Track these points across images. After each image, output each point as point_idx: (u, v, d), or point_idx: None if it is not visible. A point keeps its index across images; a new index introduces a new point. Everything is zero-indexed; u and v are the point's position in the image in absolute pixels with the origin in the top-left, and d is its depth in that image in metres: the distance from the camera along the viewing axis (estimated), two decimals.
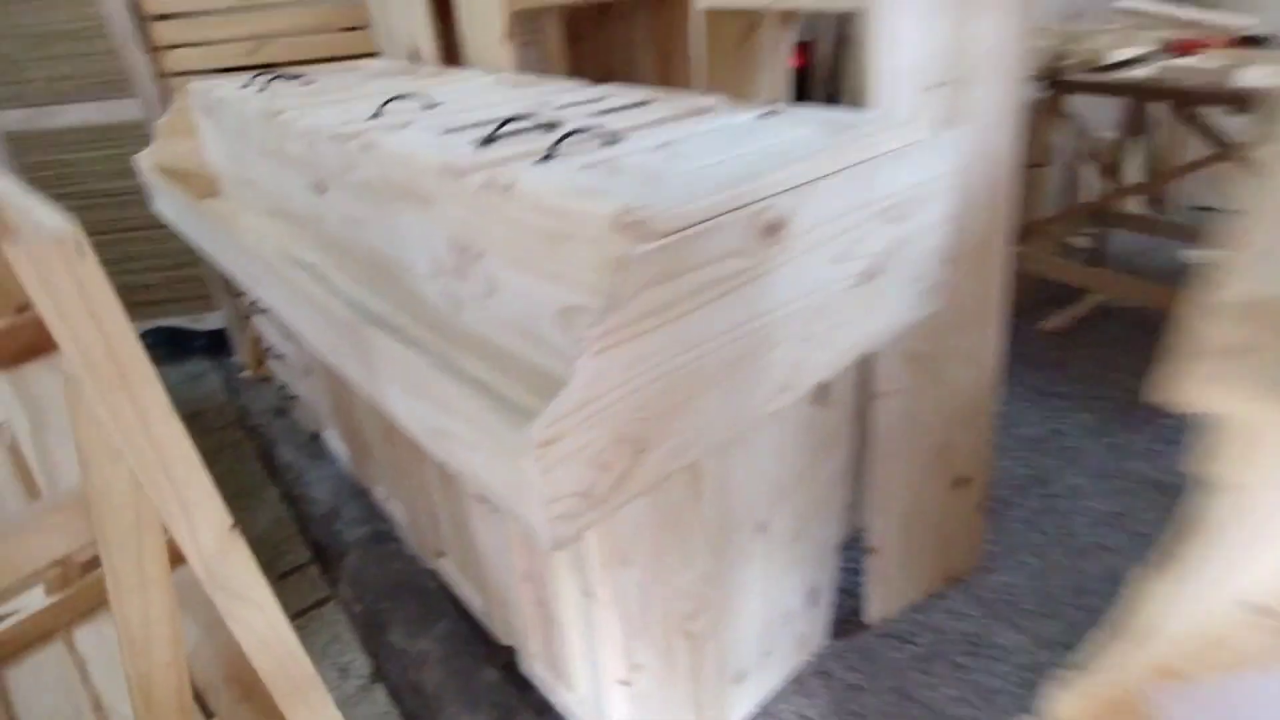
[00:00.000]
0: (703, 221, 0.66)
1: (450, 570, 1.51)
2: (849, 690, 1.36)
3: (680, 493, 0.92)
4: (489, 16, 1.51)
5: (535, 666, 1.26)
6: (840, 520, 1.28)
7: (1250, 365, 0.38)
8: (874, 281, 0.90)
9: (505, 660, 1.39)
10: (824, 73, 2.62)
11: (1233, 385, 0.37)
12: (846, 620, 1.48)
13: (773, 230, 0.73)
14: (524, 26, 1.84)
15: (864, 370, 1.21)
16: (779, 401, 0.84)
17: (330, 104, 1.24)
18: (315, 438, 2.17)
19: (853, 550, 1.51)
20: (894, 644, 1.43)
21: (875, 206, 0.86)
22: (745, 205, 0.70)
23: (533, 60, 1.92)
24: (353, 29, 2.13)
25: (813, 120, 0.94)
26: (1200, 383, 0.39)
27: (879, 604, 1.46)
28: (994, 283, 1.26)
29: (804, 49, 2.62)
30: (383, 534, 1.82)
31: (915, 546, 1.43)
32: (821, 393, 1.07)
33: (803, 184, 0.76)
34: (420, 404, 0.83)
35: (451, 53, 1.68)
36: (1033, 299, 2.53)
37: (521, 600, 1.16)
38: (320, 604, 1.64)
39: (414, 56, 1.76)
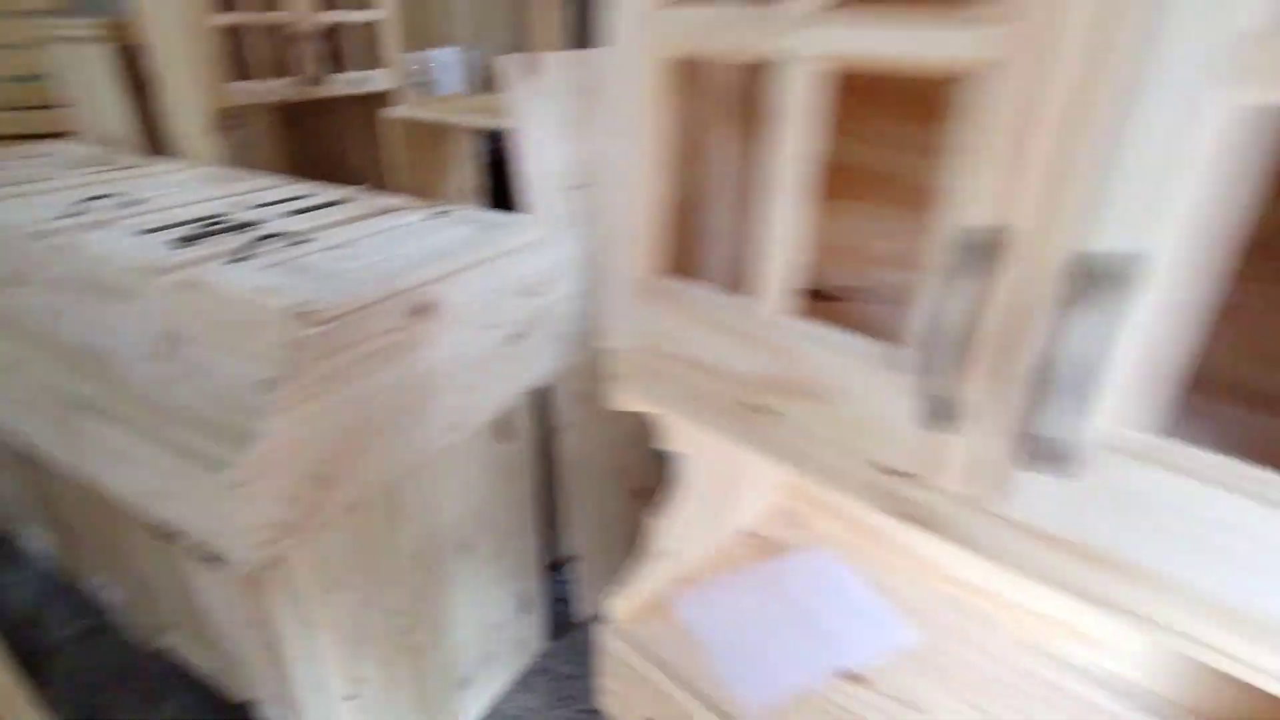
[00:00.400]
0: (360, 309, 0.90)
1: (177, 643, 1.53)
2: (565, 680, 1.61)
3: (381, 521, 1.12)
4: (193, 110, 1.63)
5: (270, 712, 1.35)
6: (538, 536, 1.55)
7: (631, 386, 0.69)
8: (522, 341, 1.19)
9: (243, 717, 1.46)
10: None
11: (631, 397, 0.69)
12: (564, 623, 1.74)
13: (423, 311, 0.99)
14: (231, 117, 1.95)
15: (543, 408, 1.50)
16: (450, 439, 1.09)
17: (28, 195, 1.29)
18: (4, 542, 2.01)
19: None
20: (596, 634, 1.71)
21: (515, 286, 1.15)
22: (398, 294, 0.95)
23: (241, 146, 2.03)
24: (47, 107, 2.08)
25: (473, 220, 1.22)
26: (619, 395, 0.70)
27: (587, 604, 1.75)
28: None
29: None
30: (97, 626, 1.76)
31: (609, 551, 1.74)
32: (503, 430, 1.33)
33: (450, 274, 1.03)
34: (134, 472, 0.95)
35: (154, 137, 1.75)
36: None
37: (250, 649, 1.26)
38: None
39: (113, 142, 1.80)
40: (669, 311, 0.59)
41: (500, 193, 2.25)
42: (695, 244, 0.69)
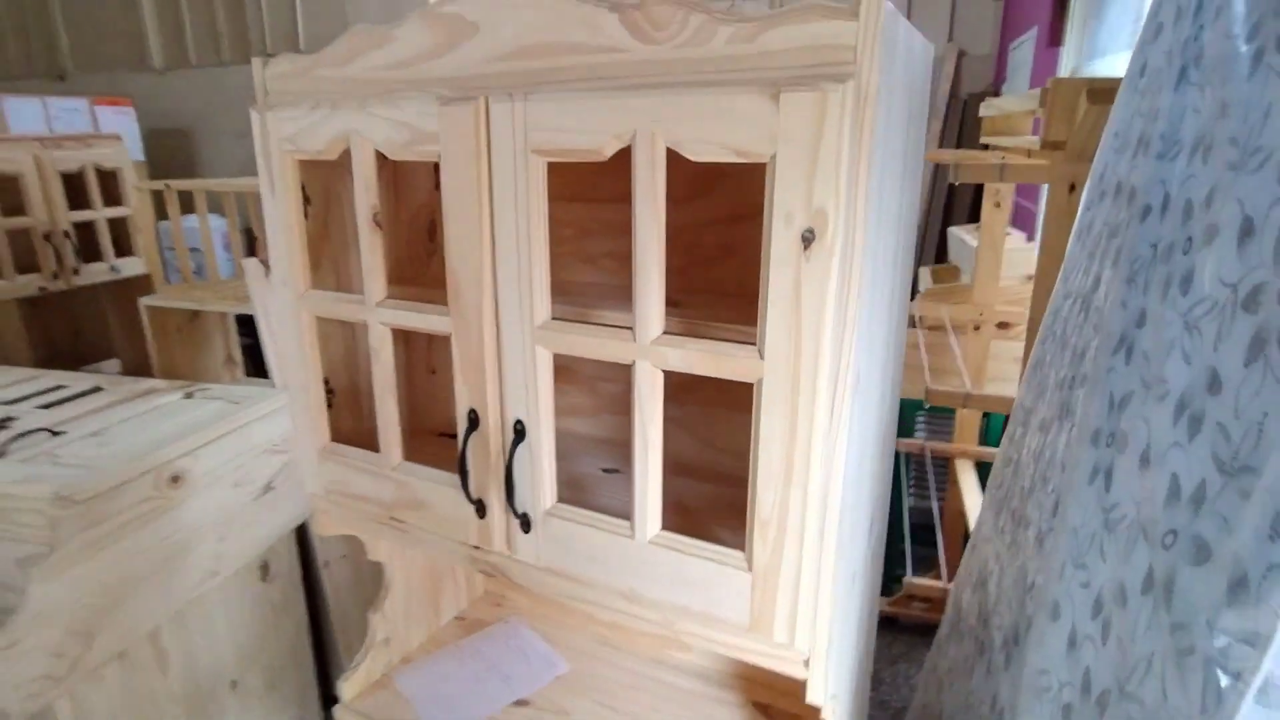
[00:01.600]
0: (113, 488, 1.12)
1: None
2: None
3: (148, 667, 1.28)
4: None
5: None
6: (314, 667, 1.72)
7: (327, 517, 1.00)
8: (271, 492, 1.43)
9: None
10: None
11: (329, 524, 0.99)
12: None
13: (176, 479, 1.22)
14: None
15: (306, 548, 1.71)
16: (210, 584, 1.29)
17: None
18: None
19: None
20: None
21: (262, 446, 1.41)
22: (149, 470, 1.18)
23: None
24: None
25: (220, 397, 1.47)
26: (322, 524, 0.99)
27: None
28: None
29: None
30: None
31: None
32: (263, 572, 1.53)
33: (199, 447, 1.27)
34: None
35: None
36: None
37: None
38: None
39: None
40: (338, 465, 0.91)
41: (259, 359, 2.46)
42: (368, 412, 1.02)
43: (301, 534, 1.66)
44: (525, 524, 0.77)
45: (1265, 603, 0.43)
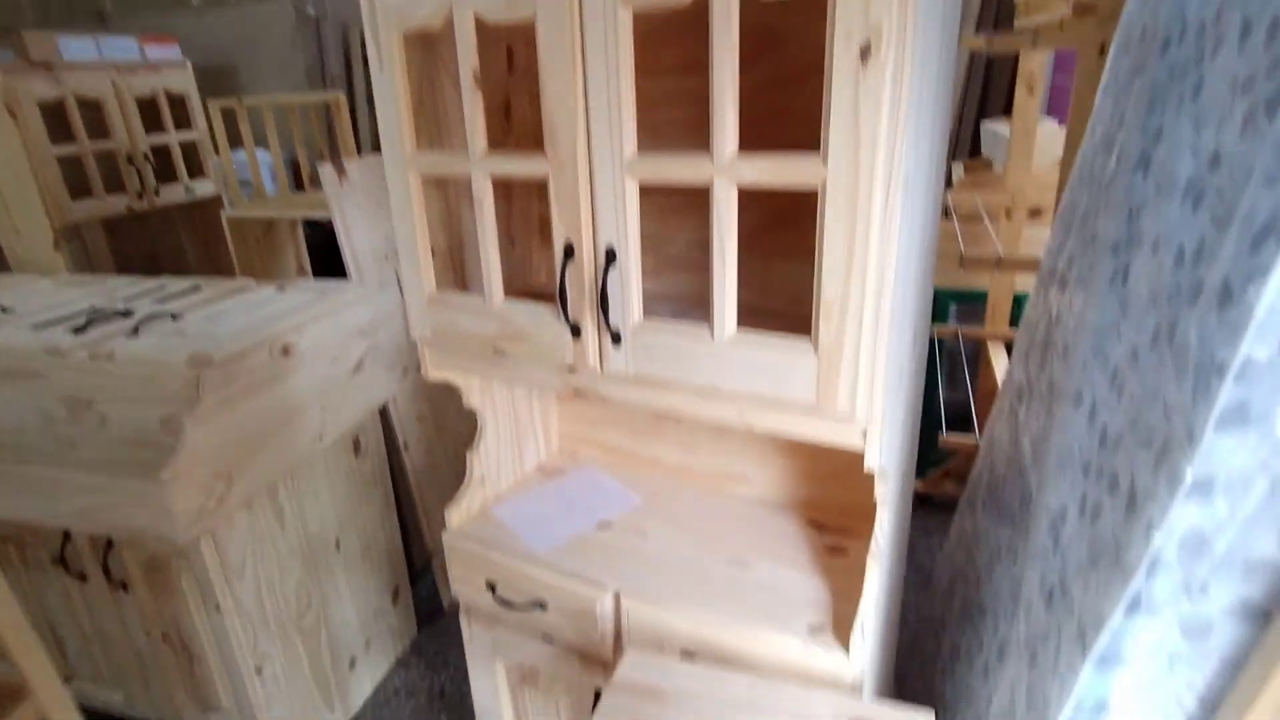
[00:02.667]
0: (240, 352, 1.28)
1: (79, 692, 1.73)
2: (436, 656, 1.96)
3: (269, 522, 1.47)
4: (38, 230, 1.89)
5: (185, 716, 1.61)
6: (401, 538, 1.91)
7: (434, 360, 1.14)
8: (362, 372, 1.59)
9: None
10: None
11: (435, 368, 1.13)
12: (432, 612, 2.09)
13: (286, 350, 1.38)
14: (74, 231, 2.19)
15: (390, 431, 1.88)
16: (319, 447, 1.46)
17: None
18: None
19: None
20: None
21: (352, 330, 1.56)
22: (265, 341, 1.33)
23: (83, 255, 2.26)
24: None
25: (309, 289, 1.62)
26: (430, 368, 1.14)
27: (447, 595, 2.11)
28: None
29: None
30: None
31: None
32: (356, 447, 1.71)
33: (302, 324, 1.42)
34: (69, 500, 1.25)
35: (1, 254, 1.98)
36: None
37: (164, 662, 1.53)
38: None
39: None
40: (445, 310, 1.05)
41: (322, 270, 2.61)
42: (461, 269, 1.16)
43: (385, 422, 1.83)
44: (616, 338, 0.91)
45: (1243, 302, 0.54)
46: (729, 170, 0.77)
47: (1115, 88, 1.06)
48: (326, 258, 2.77)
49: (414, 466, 1.95)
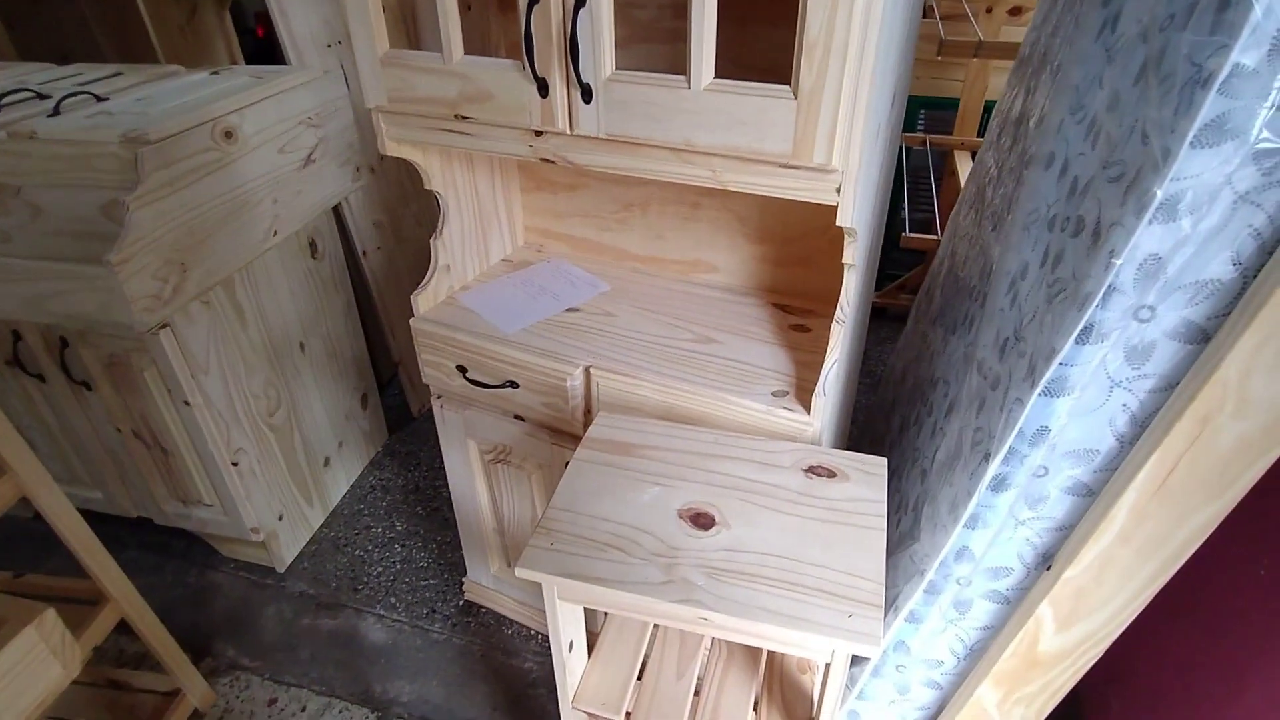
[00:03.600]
0: (179, 132, 1.19)
1: None
2: (408, 456, 2.03)
3: (230, 319, 1.44)
4: None
5: (166, 510, 1.66)
6: (366, 344, 1.91)
7: (392, 133, 1.07)
8: (313, 165, 1.51)
9: (141, 529, 1.74)
10: None
11: (394, 143, 1.07)
12: (402, 417, 2.14)
13: (229, 134, 1.29)
14: None
15: (347, 237, 1.82)
16: (271, 243, 1.41)
17: None
18: None
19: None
20: (430, 423, 2.14)
21: (299, 118, 1.46)
22: (206, 121, 1.24)
23: None
24: None
25: (247, 74, 1.49)
26: (388, 144, 1.08)
27: (414, 402, 2.15)
28: None
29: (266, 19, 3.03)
30: None
31: None
32: (313, 248, 1.66)
33: (244, 106, 1.32)
34: (18, 287, 1.20)
35: None
36: None
37: (138, 458, 1.55)
38: None
39: None
40: (401, 70, 0.98)
41: (255, 60, 2.41)
42: (415, 33, 1.07)
43: (342, 227, 1.77)
44: (587, 94, 0.86)
45: (1239, 4, 0.53)
46: None
47: None
48: (258, 54, 2.55)
49: (374, 274, 1.92)
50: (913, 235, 1.93)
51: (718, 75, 0.81)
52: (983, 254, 1.08)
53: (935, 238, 1.92)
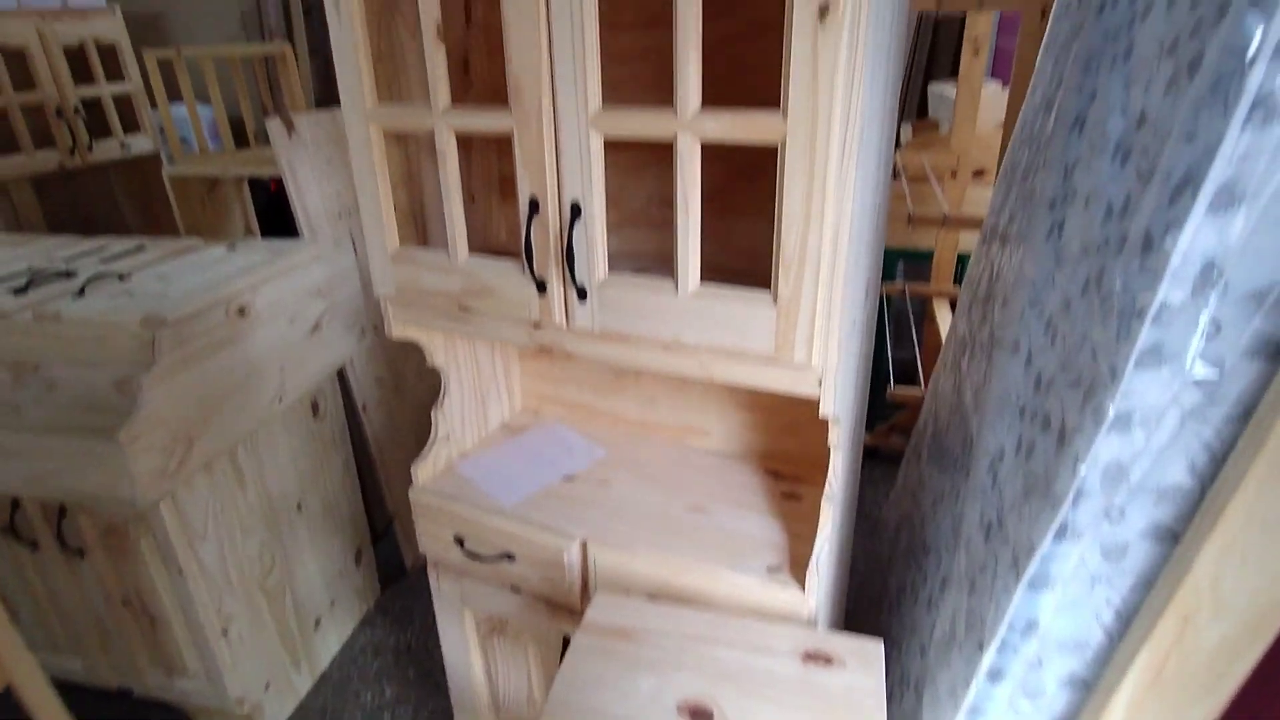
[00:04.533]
0: (195, 313, 1.26)
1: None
2: (402, 616, 1.99)
3: (230, 484, 1.46)
4: None
5: (148, 681, 1.61)
6: (361, 500, 1.91)
7: (398, 318, 1.14)
8: (320, 331, 1.58)
9: (119, 703, 1.68)
10: None
11: (400, 326, 1.14)
12: (395, 572, 2.11)
13: (242, 311, 1.36)
14: None
15: (348, 393, 1.87)
16: (277, 409, 1.46)
17: None
18: None
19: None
20: (423, 577, 2.11)
21: (309, 289, 1.54)
22: (220, 301, 1.31)
23: (5, 217, 2.16)
24: None
25: (263, 249, 1.59)
26: (394, 327, 1.14)
27: (409, 555, 2.13)
28: None
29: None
30: None
31: None
32: (315, 409, 1.70)
33: (258, 283, 1.40)
34: (22, 465, 1.23)
35: None
36: None
37: (124, 626, 1.52)
38: None
39: None
40: (409, 266, 1.06)
41: (270, 231, 2.55)
42: (422, 227, 1.16)
43: (344, 384, 1.82)
44: (581, 294, 0.93)
45: (1161, 250, 0.59)
46: (692, 125, 0.79)
47: (1055, 49, 1.11)
48: (273, 219, 2.70)
49: (373, 429, 1.95)
50: (897, 390, 1.99)
51: (705, 261, 0.88)
52: (963, 423, 1.13)
53: (919, 391, 1.98)
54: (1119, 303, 0.64)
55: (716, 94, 0.83)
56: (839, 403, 0.90)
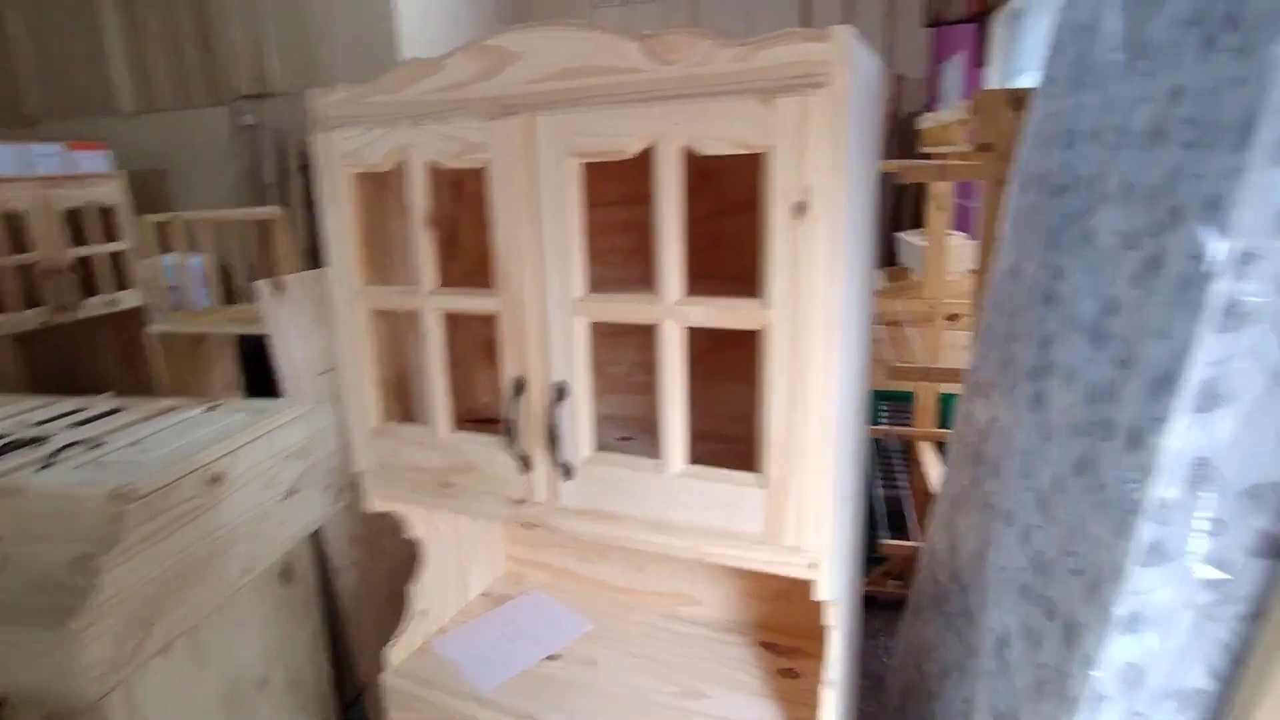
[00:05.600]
0: (166, 485, 1.22)
1: None
2: None
3: (188, 668, 1.36)
4: None
5: None
6: (331, 669, 1.79)
7: (376, 492, 1.11)
8: (295, 496, 1.53)
9: None
10: None
11: (377, 500, 1.10)
12: None
13: (216, 479, 1.32)
14: None
15: (322, 554, 1.80)
16: (243, 580, 1.38)
17: None
18: None
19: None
20: None
21: (286, 452, 1.51)
22: (195, 470, 1.28)
23: None
24: None
25: (241, 409, 1.57)
26: (370, 500, 1.11)
27: None
28: None
29: None
30: None
31: None
32: (286, 575, 1.62)
33: (234, 450, 1.37)
34: None
35: None
36: None
37: None
38: None
39: None
40: (390, 441, 1.04)
41: (255, 385, 2.54)
42: (405, 396, 1.15)
43: (318, 544, 1.75)
44: (567, 472, 0.91)
45: (1147, 446, 0.59)
46: (675, 313, 0.81)
47: (1018, 220, 1.17)
48: (257, 365, 2.70)
49: (347, 591, 1.86)
50: (889, 543, 1.95)
51: (693, 428, 0.87)
52: (962, 592, 1.09)
53: (912, 544, 1.94)
54: (1113, 494, 0.63)
55: (698, 267, 0.86)
56: (835, 584, 0.86)
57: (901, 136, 3.61)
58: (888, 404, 2.52)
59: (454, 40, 0.88)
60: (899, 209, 3.24)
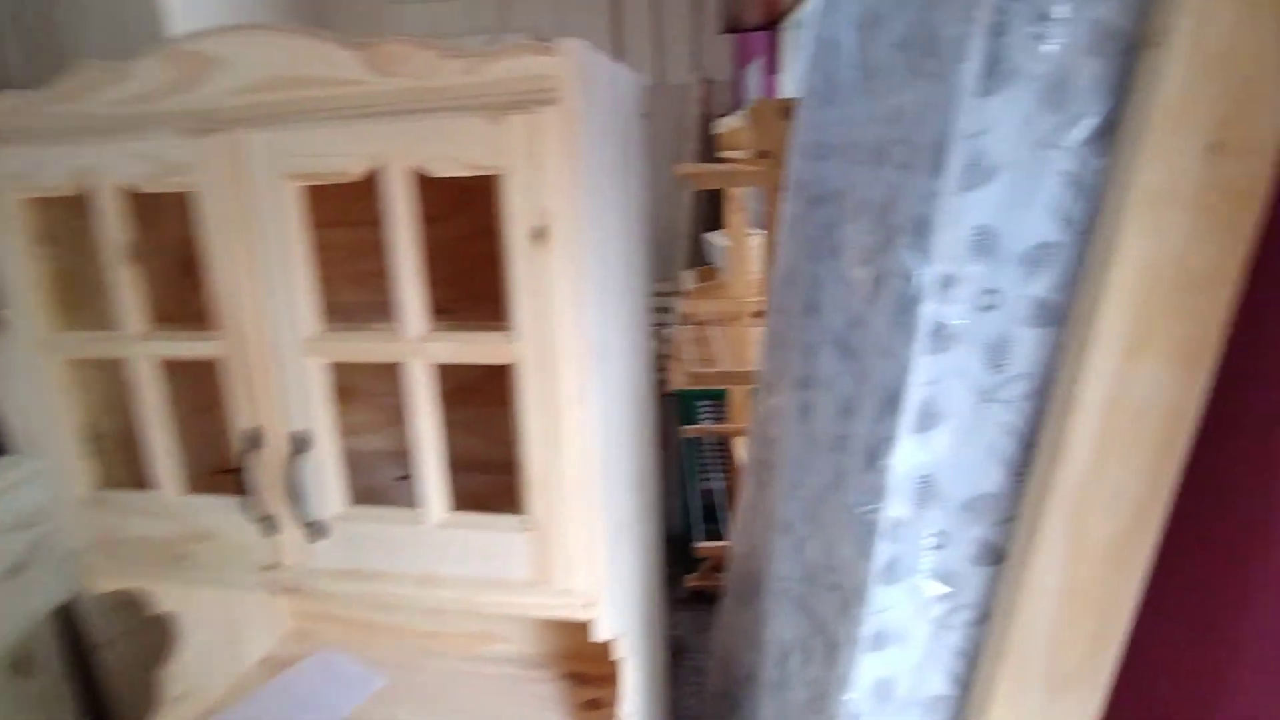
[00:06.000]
0: None
1: None
2: None
3: None
4: None
5: None
6: None
7: (103, 569, 0.95)
8: (24, 573, 1.29)
9: None
10: None
11: (107, 578, 0.94)
12: None
13: None
14: None
15: (72, 633, 1.54)
16: None
17: None
18: None
19: None
20: None
21: (10, 523, 1.27)
22: None
23: None
24: None
25: None
26: (99, 580, 0.94)
27: None
28: None
29: None
30: None
31: None
32: (22, 666, 1.37)
33: None
34: None
35: None
36: None
37: None
38: None
39: None
40: (107, 512, 0.88)
41: None
42: (135, 464, 0.99)
43: (66, 619, 1.50)
44: (319, 531, 0.81)
45: (878, 467, 0.60)
46: (419, 350, 0.73)
47: (790, 227, 1.20)
48: None
49: (112, 672, 1.61)
50: (704, 546, 1.98)
51: (471, 458, 0.80)
52: (758, 599, 1.10)
53: (724, 544, 1.99)
54: (855, 513, 0.64)
55: (446, 295, 0.79)
56: (618, 619, 0.83)
57: (707, 141, 3.72)
58: (709, 401, 2.58)
59: None
60: (715, 210, 3.33)
